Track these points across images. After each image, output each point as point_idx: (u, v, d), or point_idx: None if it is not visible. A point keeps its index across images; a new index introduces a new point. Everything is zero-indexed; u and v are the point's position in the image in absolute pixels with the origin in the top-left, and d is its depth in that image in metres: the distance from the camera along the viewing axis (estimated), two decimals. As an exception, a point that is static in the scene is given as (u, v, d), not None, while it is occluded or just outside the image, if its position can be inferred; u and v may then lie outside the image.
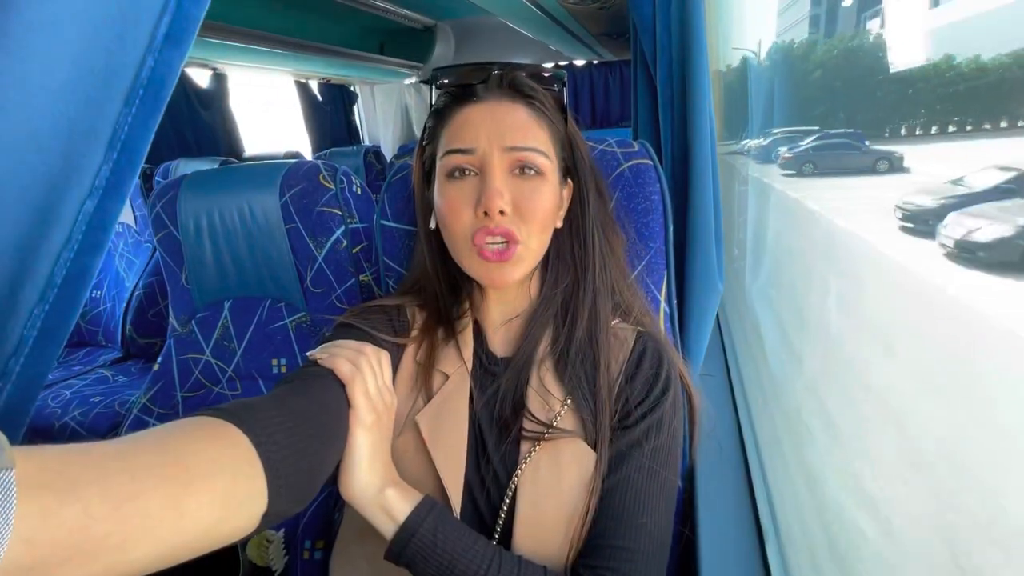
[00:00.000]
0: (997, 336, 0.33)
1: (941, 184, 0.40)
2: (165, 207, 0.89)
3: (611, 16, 2.19)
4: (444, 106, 0.55)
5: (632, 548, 0.46)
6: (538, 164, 0.51)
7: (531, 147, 0.51)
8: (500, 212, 0.49)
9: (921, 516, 0.39)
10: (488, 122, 0.51)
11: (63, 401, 1.37)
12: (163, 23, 0.26)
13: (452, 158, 0.51)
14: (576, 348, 0.53)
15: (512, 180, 0.51)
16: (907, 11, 0.45)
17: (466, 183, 0.51)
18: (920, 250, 0.41)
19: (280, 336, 0.89)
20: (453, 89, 0.54)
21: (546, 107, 0.54)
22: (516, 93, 0.53)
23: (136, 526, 0.24)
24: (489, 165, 0.50)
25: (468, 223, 0.51)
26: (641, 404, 0.52)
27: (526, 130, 0.52)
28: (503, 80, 0.53)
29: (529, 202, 0.50)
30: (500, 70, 0.53)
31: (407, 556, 0.43)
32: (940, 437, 0.38)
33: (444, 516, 0.45)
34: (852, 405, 0.55)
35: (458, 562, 0.43)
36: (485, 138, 0.50)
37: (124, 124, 0.26)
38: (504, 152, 0.50)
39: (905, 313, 0.46)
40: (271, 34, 1.96)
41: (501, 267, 0.51)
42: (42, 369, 0.27)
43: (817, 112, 0.75)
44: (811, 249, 0.72)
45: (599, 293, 0.55)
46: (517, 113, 0.52)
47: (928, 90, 0.43)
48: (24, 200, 0.23)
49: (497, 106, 0.52)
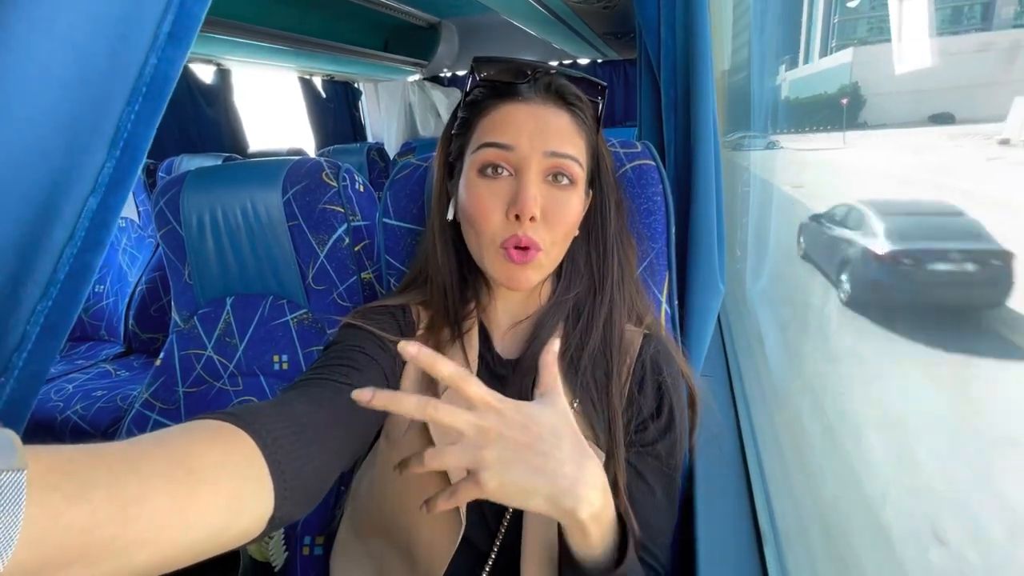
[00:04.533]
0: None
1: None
2: (168, 203, 0.89)
3: (616, 15, 2.19)
4: (483, 98, 0.53)
5: (655, 554, 0.49)
6: (572, 173, 0.51)
7: (570, 155, 0.50)
8: (531, 219, 0.49)
9: (915, 515, 0.39)
10: (531, 123, 0.50)
11: (65, 395, 1.37)
12: (166, 21, 0.26)
13: (488, 152, 0.50)
14: (589, 355, 0.53)
15: (545, 186, 0.50)
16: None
17: (499, 182, 0.50)
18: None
19: (282, 333, 0.89)
20: (496, 83, 0.53)
21: (586, 116, 0.53)
22: (560, 99, 0.52)
23: (143, 529, 0.24)
24: (527, 167, 0.49)
25: (498, 226, 0.50)
26: (649, 408, 0.52)
27: (567, 137, 0.51)
28: (551, 85, 0.52)
29: (558, 212, 0.50)
30: (546, 71, 0.52)
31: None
32: (936, 439, 0.38)
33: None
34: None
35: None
36: (527, 139, 0.49)
37: (127, 122, 0.26)
38: (544, 156, 0.50)
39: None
40: (276, 31, 1.96)
41: (523, 269, 0.50)
42: (44, 365, 0.27)
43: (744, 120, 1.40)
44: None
45: (615, 304, 0.55)
46: (560, 119, 0.51)
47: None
48: (27, 197, 0.23)
49: (542, 109, 0.51)
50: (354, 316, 0.56)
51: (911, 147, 0.56)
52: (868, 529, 0.46)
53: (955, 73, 0.46)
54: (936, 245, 0.50)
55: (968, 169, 0.47)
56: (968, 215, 0.45)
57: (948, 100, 0.48)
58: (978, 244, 0.41)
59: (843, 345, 0.67)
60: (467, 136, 0.54)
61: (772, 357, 0.85)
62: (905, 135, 0.57)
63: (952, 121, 0.47)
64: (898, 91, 0.54)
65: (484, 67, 0.53)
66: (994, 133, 0.38)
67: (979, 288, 0.41)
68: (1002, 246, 0.36)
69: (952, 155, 0.48)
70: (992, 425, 0.36)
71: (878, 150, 0.65)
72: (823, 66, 0.79)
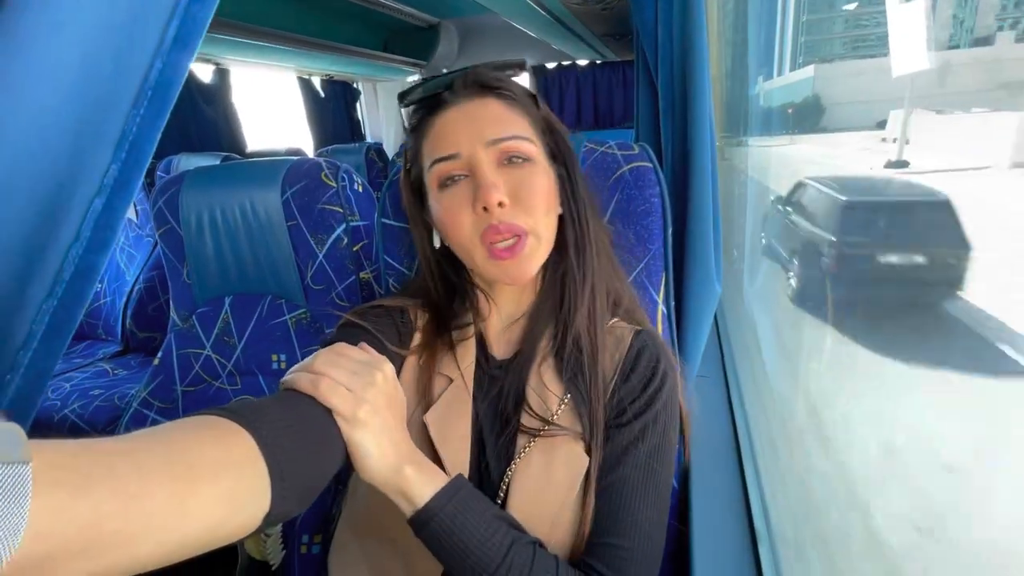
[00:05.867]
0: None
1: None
2: (167, 202, 0.90)
3: (614, 17, 2.19)
4: (418, 121, 0.55)
5: (626, 547, 0.47)
6: (524, 150, 0.51)
7: (513, 135, 0.51)
8: (500, 204, 0.49)
9: (906, 516, 0.40)
10: (464, 122, 0.51)
11: (63, 394, 1.37)
12: (171, 26, 0.26)
13: (439, 168, 0.51)
14: (573, 338, 0.53)
15: (504, 171, 0.51)
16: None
17: (459, 187, 0.51)
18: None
19: (280, 332, 0.90)
20: (421, 103, 0.55)
21: (516, 94, 0.54)
22: (483, 88, 0.53)
23: (143, 523, 0.24)
24: (477, 164, 0.50)
25: (470, 225, 0.50)
26: (636, 402, 0.52)
27: (503, 120, 0.51)
28: (467, 80, 0.53)
29: (526, 189, 0.50)
30: (462, 71, 0.54)
31: (423, 537, 0.44)
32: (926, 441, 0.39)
33: (467, 503, 0.45)
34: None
35: (471, 553, 0.43)
36: (466, 139, 0.50)
37: (132, 125, 0.26)
38: (488, 147, 0.50)
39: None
40: (275, 30, 1.96)
41: (517, 263, 0.50)
42: (49, 362, 0.28)
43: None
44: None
45: (597, 275, 0.55)
46: (489, 107, 0.52)
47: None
48: (34, 198, 0.24)
49: (468, 105, 0.52)
50: (352, 315, 0.56)
51: (832, 143, 0.79)
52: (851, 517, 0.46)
53: (888, 88, 0.54)
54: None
55: (849, 156, 0.73)
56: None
57: (883, 109, 0.57)
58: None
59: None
60: (420, 162, 0.55)
61: (768, 358, 0.86)
62: (834, 136, 0.79)
63: (884, 126, 0.57)
64: (850, 101, 0.68)
65: (410, 92, 0.55)
66: (890, 135, 0.54)
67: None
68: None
69: (848, 148, 0.70)
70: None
71: (810, 144, 0.91)
72: (792, 79, 0.95)
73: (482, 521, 0.44)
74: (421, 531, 0.44)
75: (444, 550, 0.44)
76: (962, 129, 0.42)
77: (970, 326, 0.36)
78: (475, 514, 0.44)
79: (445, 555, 0.44)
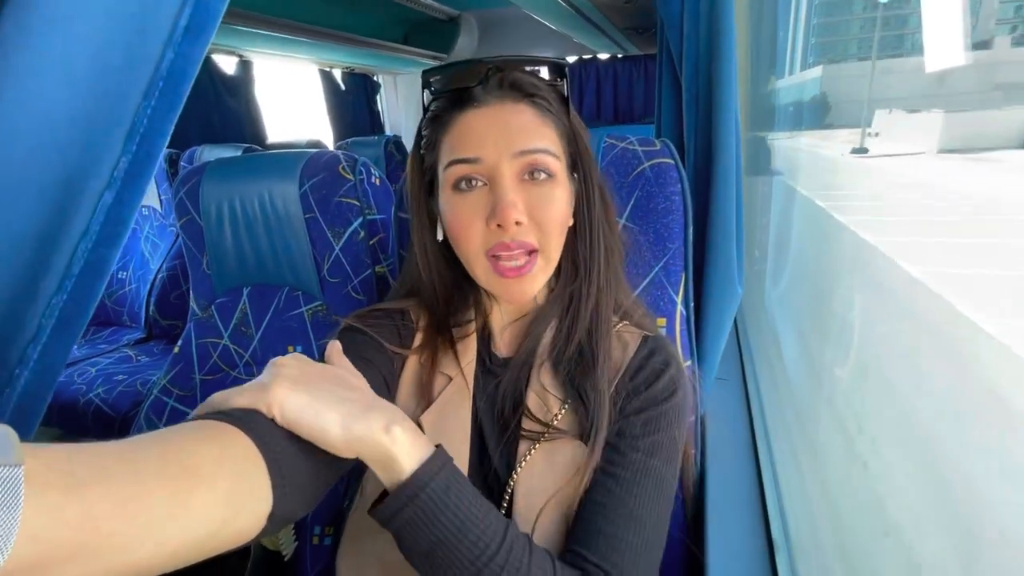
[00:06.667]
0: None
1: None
2: (188, 193, 0.91)
3: (637, 10, 2.15)
4: (441, 111, 0.51)
5: (619, 536, 0.44)
6: (549, 166, 0.49)
7: (542, 148, 0.48)
8: (516, 223, 0.47)
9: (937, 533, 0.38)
10: (493, 128, 0.48)
11: (88, 378, 1.41)
12: (183, 15, 0.26)
13: (457, 168, 0.48)
14: (575, 347, 0.52)
15: (524, 187, 0.48)
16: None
17: (475, 195, 0.48)
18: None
19: (297, 324, 0.90)
20: (448, 94, 0.50)
21: (551, 103, 0.51)
22: (518, 91, 0.49)
23: (140, 525, 0.24)
24: (499, 174, 0.47)
25: (481, 237, 0.49)
26: (639, 400, 0.50)
27: (534, 131, 0.48)
28: (504, 81, 0.49)
29: (544, 210, 0.48)
30: (497, 67, 0.49)
31: (407, 514, 0.37)
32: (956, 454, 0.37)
33: (458, 474, 0.39)
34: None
35: (468, 532, 0.37)
36: (492, 145, 0.47)
37: (143, 117, 0.26)
38: (514, 158, 0.48)
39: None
40: (297, 23, 1.97)
41: (520, 283, 0.49)
42: (59, 357, 0.28)
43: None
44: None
45: (602, 292, 0.54)
46: (522, 115, 0.49)
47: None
48: (43, 191, 0.24)
49: (500, 109, 0.48)
50: (353, 319, 0.56)
51: (827, 136, 0.90)
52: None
53: (882, 87, 0.62)
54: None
55: (836, 147, 0.84)
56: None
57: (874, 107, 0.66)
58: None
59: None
60: (436, 153, 0.52)
61: (791, 365, 0.83)
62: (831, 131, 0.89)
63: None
64: (850, 100, 0.75)
65: (433, 78, 0.50)
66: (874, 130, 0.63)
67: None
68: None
69: (836, 140, 0.82)
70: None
71: (808, 137, 1.02)
72: (803, 77, 1.03)
73: (475, 495, 0.39)
74: (408, 504, 0.36)
75: (434, 528, 0.37)
76: (915, 124, 0.52)
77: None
78: (467, 487, 0.39)
79: (434, 535, 0.37)
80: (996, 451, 0.32)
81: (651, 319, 0.59)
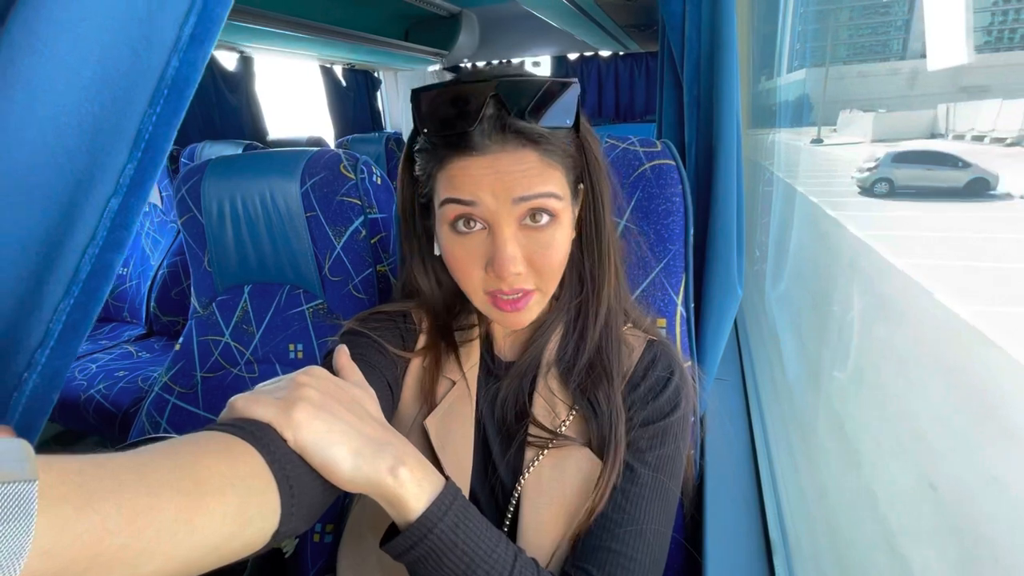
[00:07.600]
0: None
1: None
2: (190, 191, 0.91)
3: (639, 7, 2.15)
4: (434, 147, 0.47)
5: (627, 554, 0.44)
6: (552, 208, 0.46)
7: (544, 193, 0.45)
8: (516, 273, 0.46)
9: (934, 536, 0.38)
10: (491, 176, 0.44)
11: (89, 374, 1.41)
12: (188, 23, 0.26)
13: (454, 208, 0.46)
14: (586, 359, 0.52)
15: (524, 232, 0.46)
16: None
17: (473, 238, 0.46)
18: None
19: (297, 322, 0.90)
20: (442, 137, 0.45)
21: (557, 144, 0.46)
22: (519, 136, 0.44)
23: (150, 539, 0.24)
24: (498, 220, 0.45)
25: (480, 280, 0.48)
26: (647, 412, 0.51)
27: (536, 176, 0.45)
28: (505, 125, 0.44)
29: (543, 256, 0.47)
30: (497, 98, 0.44)
31: (417, 553, 0.38)
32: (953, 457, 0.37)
33: (467, 511, 0.39)
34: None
35: (476, 568, 0.38)
36: (490, 194, 0.44)
37: (148, 123, 0.26)
38: (514, 204, 0.44)
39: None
40: (298, 19, 1.96)
41: (517, 315, 0.49)
42: (66, 361, 0.28)
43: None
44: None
45: (612, 311, 0.54)
46: (525, 160, 0.44)
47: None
48: (50, 197, 0.24)
49: (501, 156, 0.44)
50: (355, 322, 0.56)
51: (801, 133, 1.03)
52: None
53: (863, 90, 0.72)
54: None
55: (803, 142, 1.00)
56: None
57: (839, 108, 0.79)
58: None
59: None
60: (430, 184, 0.48)
61: (789, 366, 0.84)
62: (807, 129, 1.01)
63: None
64: (832, 101, 0.84)
65: (424, 103, 0.45)
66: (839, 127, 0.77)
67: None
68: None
69: (806, 136, 0.97)
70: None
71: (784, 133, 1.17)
72: (788, 80, 1.16)
73: (484, 529, 0.40)
74: (417, 545, 0.37)
75: (444, 566, 0.38)
76: (861, 122, 0.65)
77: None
78: (476, 522, 0.40)
79: (444, 572, 0.38)
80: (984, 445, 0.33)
81: (653, 322, 0.59)
